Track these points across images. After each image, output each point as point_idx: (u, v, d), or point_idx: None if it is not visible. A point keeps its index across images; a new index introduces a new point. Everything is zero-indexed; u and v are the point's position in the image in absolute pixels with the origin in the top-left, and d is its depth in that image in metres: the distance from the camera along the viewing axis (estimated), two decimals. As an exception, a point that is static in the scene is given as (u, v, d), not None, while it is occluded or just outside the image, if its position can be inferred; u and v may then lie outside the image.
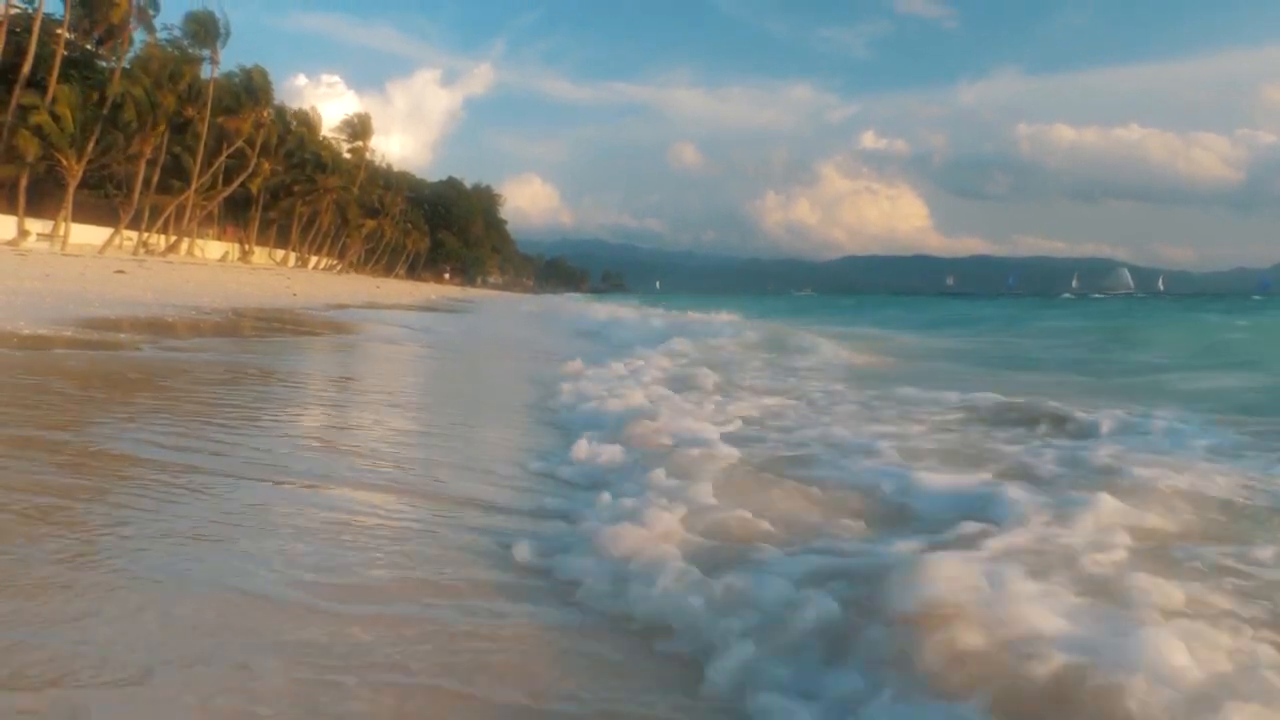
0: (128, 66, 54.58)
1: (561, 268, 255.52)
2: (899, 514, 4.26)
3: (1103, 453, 5.66)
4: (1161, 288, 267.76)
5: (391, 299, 47.56)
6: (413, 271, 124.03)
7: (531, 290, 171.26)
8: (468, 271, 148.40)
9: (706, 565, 3.21)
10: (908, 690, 2.31)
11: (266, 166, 68.68)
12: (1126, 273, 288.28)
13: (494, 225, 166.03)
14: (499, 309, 48.35)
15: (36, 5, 48.68)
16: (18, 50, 46.18)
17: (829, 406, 8.41)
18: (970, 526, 3.83)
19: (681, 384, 9.61)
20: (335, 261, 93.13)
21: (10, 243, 44.67)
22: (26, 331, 11.88)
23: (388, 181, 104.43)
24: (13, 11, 47.59)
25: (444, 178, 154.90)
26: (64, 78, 48.13)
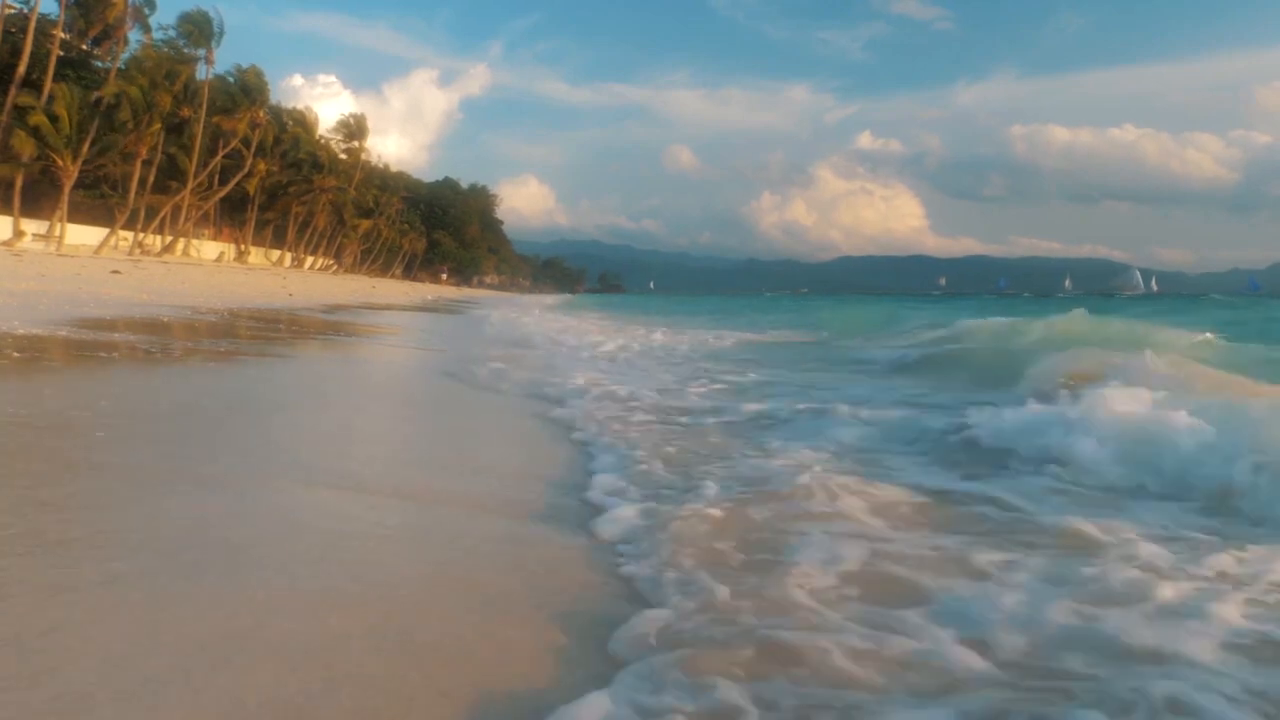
0: (123, 67, 54.59)
1: (558, 268, 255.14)
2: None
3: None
4: (1155, 289, 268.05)
5: (387, 300, 47.61)
6: (409, 272, 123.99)
7: (527, 290, 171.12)
8: (464, 272, 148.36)
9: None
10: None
11: (262, 167, 68.61)
12: (1138, 274, 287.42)
13: (490, 226, 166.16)
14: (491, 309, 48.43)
15: (32, 5, 48.73)
16: (13, 50, 46.21)
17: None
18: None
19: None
20: (331, 262, 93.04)
21: (6, 243, 44.66)
22: (21, 332, 11.97)
23: (384, 182, 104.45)
24: (8, 11, 47.63)
25: (440, 178, 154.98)
26: (59, 78, 48.11)
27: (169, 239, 63.13)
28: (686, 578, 3.43)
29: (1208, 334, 14.02)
